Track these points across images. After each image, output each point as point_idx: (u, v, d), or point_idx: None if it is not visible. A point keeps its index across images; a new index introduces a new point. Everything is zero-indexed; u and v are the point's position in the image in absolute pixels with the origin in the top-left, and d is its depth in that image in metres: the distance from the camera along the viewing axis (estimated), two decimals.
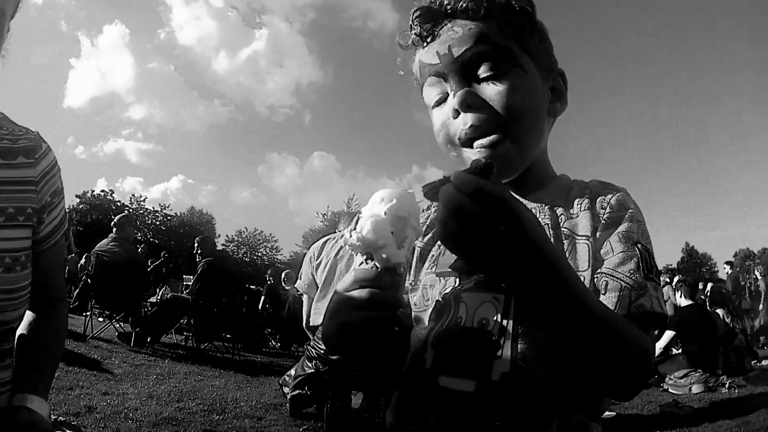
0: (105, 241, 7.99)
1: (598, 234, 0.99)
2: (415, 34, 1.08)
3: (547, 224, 1.03)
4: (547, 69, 1.10)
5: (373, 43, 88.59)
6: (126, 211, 56.77)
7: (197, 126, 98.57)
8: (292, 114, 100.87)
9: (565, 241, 1.01)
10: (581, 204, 1.04)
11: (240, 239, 63.81)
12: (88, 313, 7.93)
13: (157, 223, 60.29)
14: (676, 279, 12.75)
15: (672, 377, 6.74)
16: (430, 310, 1.06)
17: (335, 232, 4.87)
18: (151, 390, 4.72)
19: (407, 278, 1.13)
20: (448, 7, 1.04)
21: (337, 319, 0.86)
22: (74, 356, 5.80)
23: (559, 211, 1.05)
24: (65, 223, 1.36)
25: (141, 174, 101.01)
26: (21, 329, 1.26)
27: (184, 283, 11.63)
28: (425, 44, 1.08)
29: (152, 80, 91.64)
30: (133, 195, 62.49)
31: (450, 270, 1.04)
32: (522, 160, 1.05)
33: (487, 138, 1.01)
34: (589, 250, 0.98)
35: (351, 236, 0.85)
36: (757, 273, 13.87)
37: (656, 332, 1.03)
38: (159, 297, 9.74)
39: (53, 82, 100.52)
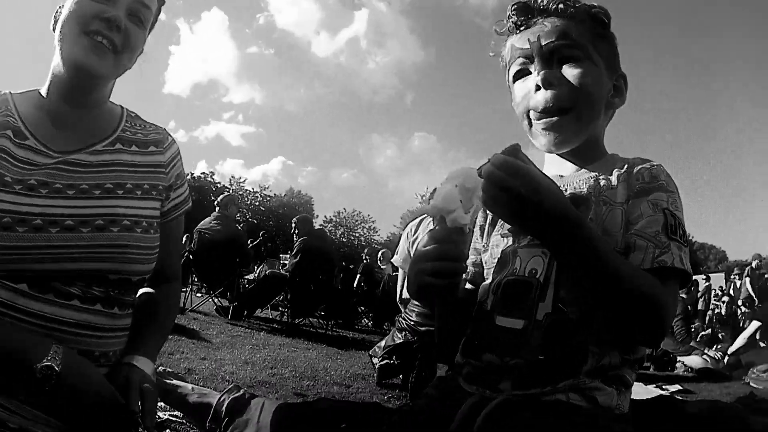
0: (208, 219, 8.32)
1: (630, 201, 1.19)
2: (513, 22, 1.34)
3: (591, 192, 1.23)
4: (612, 69, 1.34)
5: (475, 21, 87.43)
6: (225, 192, 59.06)
7: (298, 108, 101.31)
8: (394, 95, 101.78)
9: (604, 207, 1.20)
10: (620, 176, 1.23)
11: (338, 220, 65.00)
12: (187, 289, 8.28)
13: (257, 203, 62.02)
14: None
15: (755, 371, 6.30)
16: (495, 265, 1.31)
17: None
18: (246, 357, 4.89)
19: (481, 240, 1.41)
20: (542, 4, 1.30)
21: (415, 268, 1.14)
22: (174, 326, 6.08)
23: (603, 182, 1.24)
24: (188, 202, 1.62)
25: (241, 156, 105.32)
26: (140, 303, 1.49)
27: (281, 261, 11.95)
28: (518, 32, 1.33)
29: (252, 64, 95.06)
30: (233, 176, 64.87)
31: (509, 231, 1.30)
32: (580, 131, 1.28)
33: (554, 117, 1.25)
34: (622, 215, 1.18)
35: (428, 204, 1.17)
36: None
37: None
38: (256, 274, 10.05)
39: (154, 70, 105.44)
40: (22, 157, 1.29)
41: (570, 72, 1.25)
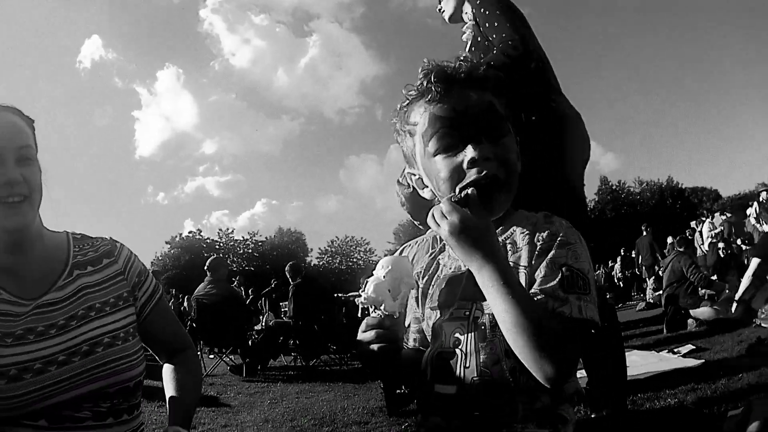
0: (202, 285, 8.43)
1: (533, 262, 1.27)
2: (436, 90, 1.31)
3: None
4: (515, 133, 1.39)
5: (427, 22, 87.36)
6: (216, 246, 58.69)
7: (271, 146, 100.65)
8: (363, 112, 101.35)
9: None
10: (524, 239, 1.32)
11: (333, 249, 64.80)
12: (198, 353, 8.38)
13: (249, 251, 61.95)
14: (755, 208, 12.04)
15: (763, 311, 6.20)
16: (431, 335, 1.42)
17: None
18: (266, 415, 4.99)
19: (419, 309, 1.51)
20: (463, 75, 1.32)
21: (359, 350, 1.29)
22: None
23: (509, 246, 1.33)
24: (159, 289, 1.73)
25: (225, 206, 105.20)
26: (165, 379, 1.69)
27: (282, 309, 12.05)
28: (437, 101, 1.32)
29: (217, 112, 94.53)
30: (220, 229, 64.73)
31: (436, 305, 1.41)
32: (507, 203, 1.37)
33: (488, 191, 1.28)
34: (526, 277, 1.27)
35: (361, 296, 1.28)
36: None
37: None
38: (263, 323, 10.15)
39: (122, 138, 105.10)
40: (2, 310, 1.44)
41: (496, 147, 1.30)
